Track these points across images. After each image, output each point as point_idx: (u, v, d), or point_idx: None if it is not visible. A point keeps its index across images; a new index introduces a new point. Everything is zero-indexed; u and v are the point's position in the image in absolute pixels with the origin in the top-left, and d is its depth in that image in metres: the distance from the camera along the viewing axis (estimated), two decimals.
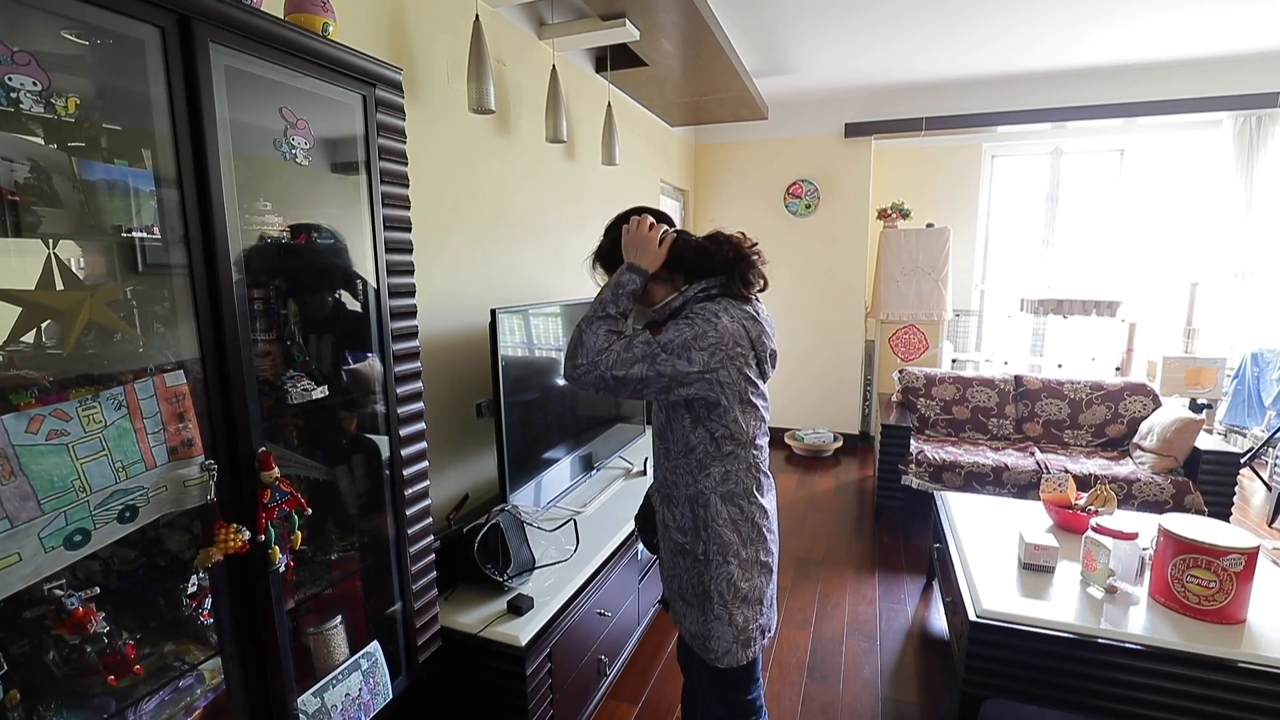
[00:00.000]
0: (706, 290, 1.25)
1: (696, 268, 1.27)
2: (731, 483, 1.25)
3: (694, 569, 1.27)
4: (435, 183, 2.11)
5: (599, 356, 1.16)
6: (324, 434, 1.42)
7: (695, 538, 1.27)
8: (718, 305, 1.22)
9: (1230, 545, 1.66)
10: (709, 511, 1.25)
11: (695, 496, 1.26)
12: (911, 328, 4.52)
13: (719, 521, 1.25)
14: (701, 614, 1.27)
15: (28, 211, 0.86)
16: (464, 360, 2.23)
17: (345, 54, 1.22)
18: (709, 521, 1.25)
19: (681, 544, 1.29)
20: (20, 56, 0.80)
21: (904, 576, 2.92)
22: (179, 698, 1.09)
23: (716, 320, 1.18)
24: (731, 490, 1.25)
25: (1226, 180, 4.08)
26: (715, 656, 1.27)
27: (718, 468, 1.24)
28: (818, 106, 4.60)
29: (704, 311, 1.20)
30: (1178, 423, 3.04)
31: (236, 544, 1.03)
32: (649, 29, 2.60)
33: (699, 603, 1.28)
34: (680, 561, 1.30)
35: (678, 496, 1.29)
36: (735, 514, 1.26)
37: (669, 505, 1.31)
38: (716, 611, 1.25)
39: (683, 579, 1.30)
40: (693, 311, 1.21)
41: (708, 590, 1.26)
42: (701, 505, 1.25)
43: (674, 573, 1.33)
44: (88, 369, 0.93)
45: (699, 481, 1.25)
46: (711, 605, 1.25)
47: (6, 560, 0.79)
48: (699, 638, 1.28)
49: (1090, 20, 3.14)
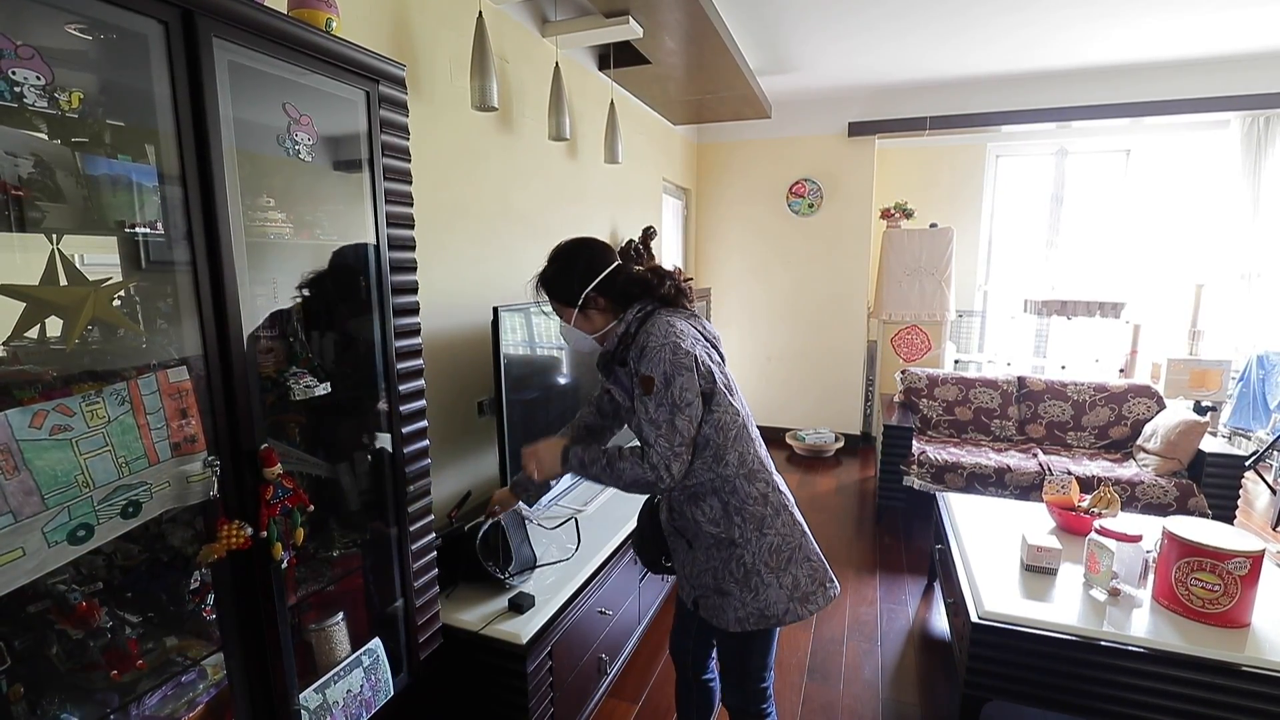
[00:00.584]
0: (643, 309, 1.34)
1: (631, 299, 1.35)
2: (749, 462, 1.32)
3: (733, 555, 1.32)
4: (437, 180, 2.11)
5: (654, 463, 1.22)
6: (326, 431, 1.42)
7: (729, 523, 1.31)
8: (662, 318, 1.31)
9: (1235, 548, 1.66)
10: (738, 495, 1.31)
11: (721, 485, 1.31)
12: (914, 328, 4.51)
13: (749, 501, 1.31)
14: (750, 591, 1.31)
15: (31, 207, 0.86)
16: (465, 358, 2.23)
17: (349, 50, 1.22)
18: (740, 505, 1.31)
19: (716, 535, 1.33)
20: (24, 50, 0.80)
21: (905, 577, 2.92)
22: (181, 693, 1.09)
23: (672, 329, 1.27)
24: (751, 469, 1.33)
25: (1233, 181, 4.06)
26: (776, 619, 1.31)
27: (732, 453, 1.30)
28: (821, 105, 4.59)
29: (657, 330, 1.27)
30: (1182, 425, 3.03)
31: (239, 540, 1.03)
32: (652, 27, 2.60)
33: (744, 583, 1.31)
34: (716, 553, 1.34)
35: (703, 492, 1.33)
36: (762, 488, 1.33)
37: (696, 503, 1.34)
38: (765, 580, 1.31)
39: (719, 570, 1.34)
40: (647, 335, 1.28)
41: (751, 568, 1.31)
42: (729, 492, 1.31)
43: (708, 567, 1.36)
44: (91, 365, 0.93)
45: (720, 471, 1.31)
46: (760, 578, 1.31)
47: (10, 555, 0.79)
48: (753, 614, 1.31)
49: (1098, 19, 3.13)
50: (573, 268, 1.35)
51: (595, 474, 1.31)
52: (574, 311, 1.35)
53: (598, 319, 1.36)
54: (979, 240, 4.99)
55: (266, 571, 1.12)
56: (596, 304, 1.34)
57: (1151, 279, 4.61)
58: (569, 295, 1.34)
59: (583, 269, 1.34)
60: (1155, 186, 4.58)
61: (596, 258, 1.35)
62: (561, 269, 1.36)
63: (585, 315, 1.36)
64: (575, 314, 1.35)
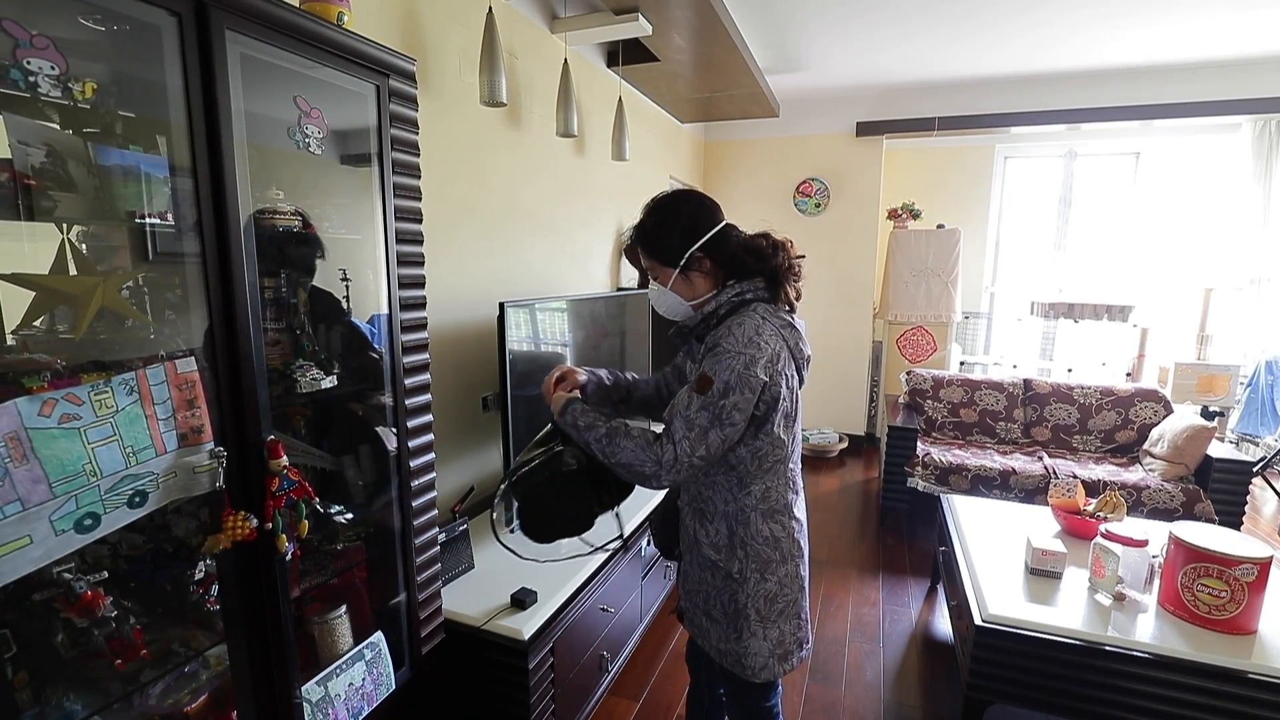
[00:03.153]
0: (741, 295, 1.17)
1: (740, 267, 1.19)
2: (772, 499, 1.20)
3: (726, 587, 1.22)
4: (445, 175, 2.11)
5: (662, 459, 1.09)
6: (332, 424, 1.42)
7: (730, 555, 1.21)
8: (755, 317, 1.14)
9: (1243, 555, 1.64)
10: (749, 530, 1.19)
11: (735, 514, 1.20)
12: (920, 329, 4.49)
13: (758, 540, 1.20)
14: (734, 631, 1.22)
15: (43, 196, 0.86)
16: (471, 353, 2.23)
17: (360, 44, 1.22)
18: (748, 540, 1.19)
19: (714, 561, 1.22)
20: (39, 40, 0.80)
21: (908, 579, 2.91)
22: (184, 683, 1.10)
23: (758, 339, 1.11)
24: (772, 506, 1.20)
25: (1244, 185, 4.03)
26: (752, 673, 1.22)
27: (759, 484, 1.19)
28: (829, 105, 4.57)
29: (741, 333, 1.11)
30: (1189, 430, 3.01)
31: (244, 532, 1.04)
32: (661, 24, 2.59)
33: (730, 620, 1.22)
34: (709, 578, 1.24)
35: (712, 512, 1.22)
36: (776, 530, 1.21)
37: (702, 520, 1.24)
38: (752, 628, 1.21)
39: (710, 596, 1.25)
40: (729, 331, 1.13)
41: (741, 608, 1.21)
42: (741, 523, 1.20)
43: (699, 588, 1.27)
44: (99, 354, 0.93)
45: (739, 499, 1.19)
46: (747, 623, 1.21)
47: (18, 543, 0.80)
48: (730, 655, 1.24)
49: (1110, 22, 3.11)
50: (675, 222, 1.18)
51: (587, 439, 1.16)
52: (674, 273, 1.18)
53: (700, 284, 1.19)
54: (986, 242, 4.97)
55: (270, 563, 1.12)
56: (702, 266, 1.18)
57: (1160, 283, 4.58)
58: (669, 254, 1.17)
59: (687, 224, 1.17)
60: (1165, 190, 4.55)
61: (703, 213, 1.19)
62: (662, 221, 1.19)
63: (687, 278, 1.19)
64: (675, 275, 1.18)
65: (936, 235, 4.40)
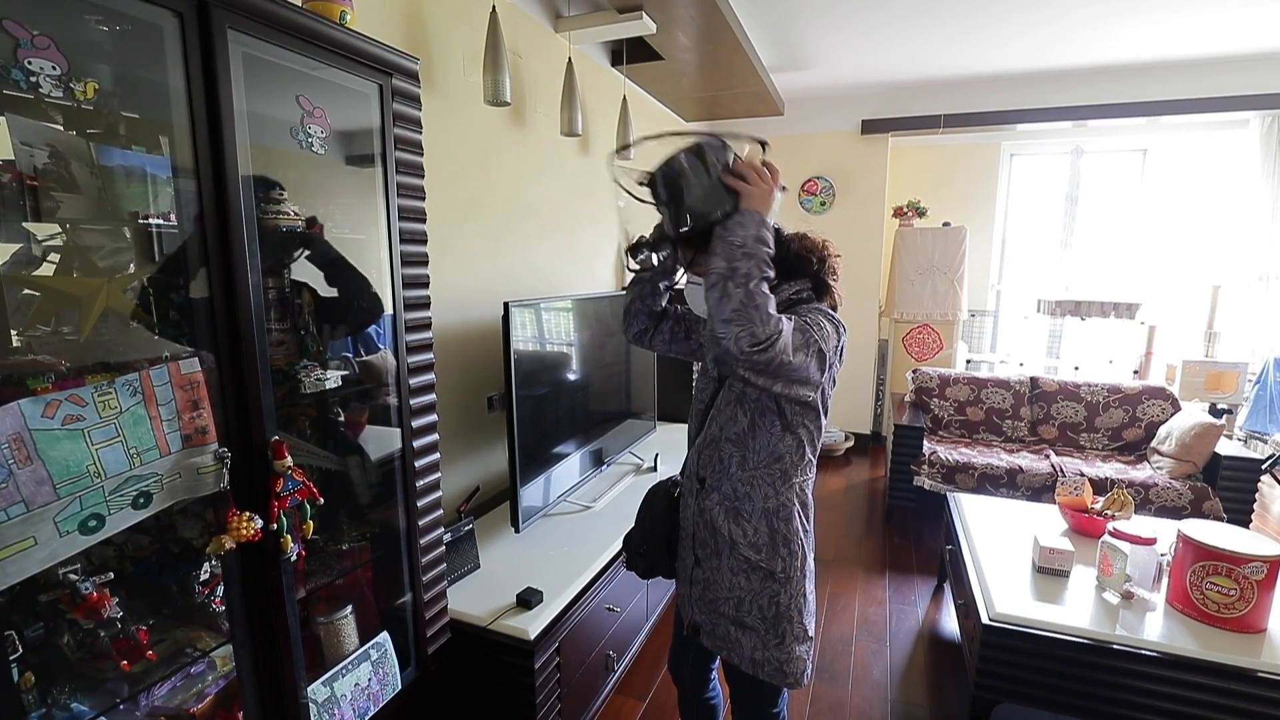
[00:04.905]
0: (798, 293, 1.14)
1: (797, 267, 1.16)
2: (807, 493, 1.20)
3: (766, 588, 1.17)
4: (449, 175, 2.10)
5: (779, 332, 0.96)
6: (336, 424, 1.42)
7: (773, 554, 1.16)
8: (817, 313, 1.09)
9: (1253, 553, 1.63)
10: (791, 526, 1.16)
11: (777, 510, 1.16)
12: (926, 327, 4.47)
13: (799, 535, 1.17)
14: (776, 637, 1.17)
15: (46, 197, 0.86)
16: (476, 353, 2.23)
17: (363, 43, 1.22)
18: (790, 537, 1.16)
19: (755, 561, 1.17)
20: (40, 40, 0.80)
21: (914, 578, 2.90)
22: (190, 684, 1.10)
23: (828, 324, 1.08)
24: (805, 501, 1.20)
25: (1252, 181, 4.00)
26: (794, 679, 1.18)
27: (799, 478, 1.17)
28: (834, 103, 4.55)
29: (813, 314, 1.08)
30: (1197, 428, 2.99)
31: (249, 532, 1.03)
32: (666, 22, 2.58)
33: (770, 625, 1.17)
34: (744, 581, 1.18)
35: (751, 510, 1.17)
36: (807, 525, 1.21)
37: (737, 520, 1.18)
38: (795, 631, 1.17)
39: (744, 601, 1.19)
40: (800, 313, 1.07)
41: (784, 610, 1.17)
42: (783, 519, 1.16)
43: (729, 595, 1.20)
44: (104, 356, 0.93)
45: (781, 494, 1.16)
46: (790, 625, 1.17)
47: (23, 544, 0.80)
48: (769, 663, 1.17)
49: (1117, 17, 3.08)
50: None
51: (741, 253, 0.99)
52: None
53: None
54: (992, 239, 4.94)
55: (276, 564, 1.12)
56: None
57: (1167, 280, 4.55)
58: None
59: None
60: (1172, 186, 4.52)
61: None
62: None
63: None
64: None
65: (942, 233, 4.38)
